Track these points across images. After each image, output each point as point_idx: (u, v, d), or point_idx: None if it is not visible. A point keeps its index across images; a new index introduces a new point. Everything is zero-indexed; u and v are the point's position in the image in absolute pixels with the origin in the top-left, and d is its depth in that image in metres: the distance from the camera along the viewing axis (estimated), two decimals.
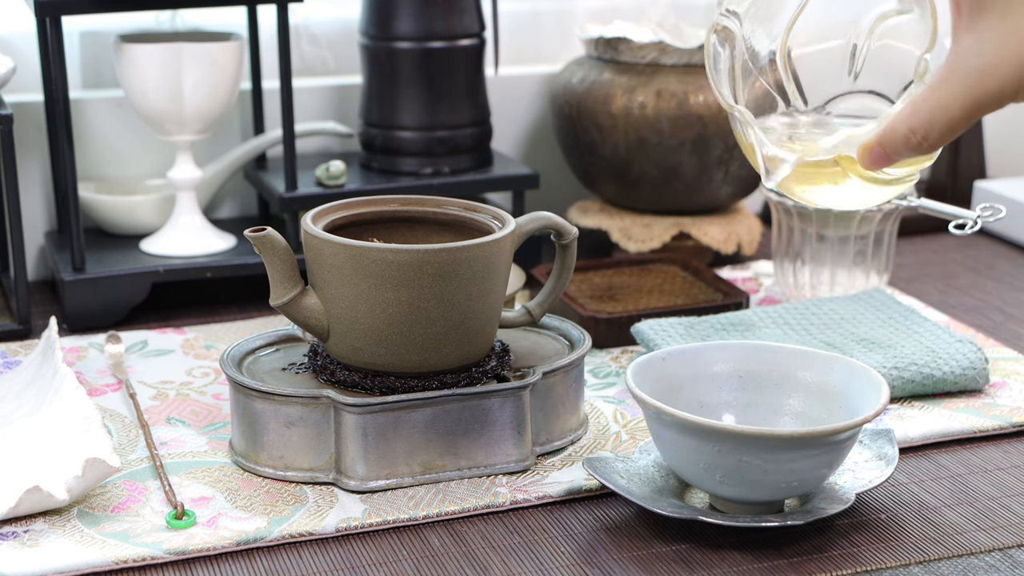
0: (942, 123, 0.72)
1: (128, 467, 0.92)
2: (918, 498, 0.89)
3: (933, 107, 0.72)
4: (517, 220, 0.94)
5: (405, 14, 1.24)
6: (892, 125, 0.74)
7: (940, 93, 0.72)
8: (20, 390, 0.99)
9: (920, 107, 0.73)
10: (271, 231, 0.90)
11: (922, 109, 0.73)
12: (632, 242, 1.32)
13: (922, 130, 0.73)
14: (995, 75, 0.71)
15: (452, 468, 0.90)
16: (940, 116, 0.72)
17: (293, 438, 0.89)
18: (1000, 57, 0.70)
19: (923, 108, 0.73)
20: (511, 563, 0.82)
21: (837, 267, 1.20)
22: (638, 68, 1.28)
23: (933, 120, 0.72)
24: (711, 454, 0.82)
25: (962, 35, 0.72)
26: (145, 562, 0.81)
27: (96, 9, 1.14)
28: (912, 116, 0.73)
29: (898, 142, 0.74)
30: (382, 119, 1.27)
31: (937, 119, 0.72)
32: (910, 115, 0.73)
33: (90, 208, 1.28)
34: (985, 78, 0.71)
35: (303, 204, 1.21)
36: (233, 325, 1.17)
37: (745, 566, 0.81)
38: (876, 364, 1.02)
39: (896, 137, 0.74)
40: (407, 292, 0.88)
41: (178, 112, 1.18)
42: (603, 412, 1.01)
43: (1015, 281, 1.31)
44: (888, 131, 0.74)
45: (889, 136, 0.74)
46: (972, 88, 0.71)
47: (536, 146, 1.46)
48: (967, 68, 0.71)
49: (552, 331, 1.01)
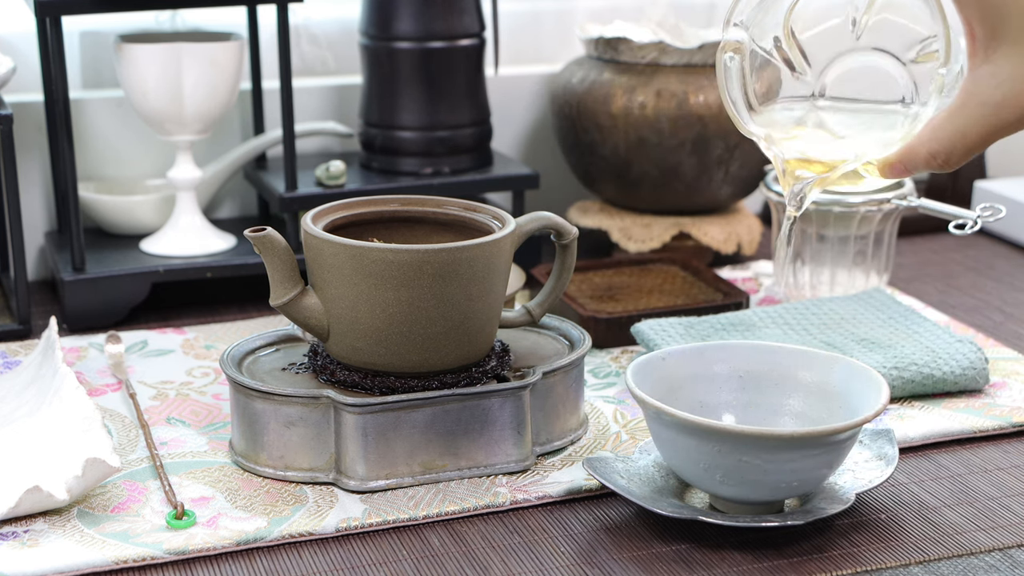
0: (961, 149, 0.77)
1: (128, 467, 0.92)
2: (918, 498, 0.89)
3: (952, 133, 0.76)
4: (517, 220, 0.94)
5: (405, 14, 1.24)
6: (912, 147, 0.79)
7: (959, 120, 0.76)
8: (20, 390, 0.99)
9: (940, 133, 0.77)
10: (271, 231, 0.90)
11: (942, 135, 0.77)
12: (632, 242, 1.32)
13: (943, 155, 0.77)
14: (1013, 106, 0.74)
15: (452, 468, 0.90)
16: (960, 142, 0.76)
17: (293, 438, 0.89)
18: (1018, 88, 0.74)
19: (943, 134, 0.77)
20: (511, 563, 0.82)
21: (837, 267, 1.20)
22: (638, 68, 1.28)
23: (953, 145, 0.77)
24: (711, 454, 0.82)
25: (978, 64, 0.75)
26: (145, 562, 0.81)
27: (96, 9, 1.14)
28: (932, 141, 0.77)
29: (919, 162, 0.79)
30: (382, 119, 1.27)
31: (957, 145, 0.76)
32: (930, 139, 0.78)
33: (90, 208, 1.28)
34: (1003, 109, 0.74)
35: (303, 204, 1.21)
36: (233, 325, 1.17)
37: (745, 566, 0.81)
38: (876, 364, 1.02)
39: (917, 158, 0.79)
40: (407, 292, 0.88)
41: (178, 112, 1.18)
42: (603, 412, 1.01)
43: (1015, 281, 1.31)
44: (909, 152, 0.79)
45: (910, 157, 0.79)
46: (990, 117, 0.75)
47: (536, 146, 1.46)
48: (985, 98, 0.74)
49: (552, 331, 1.01)
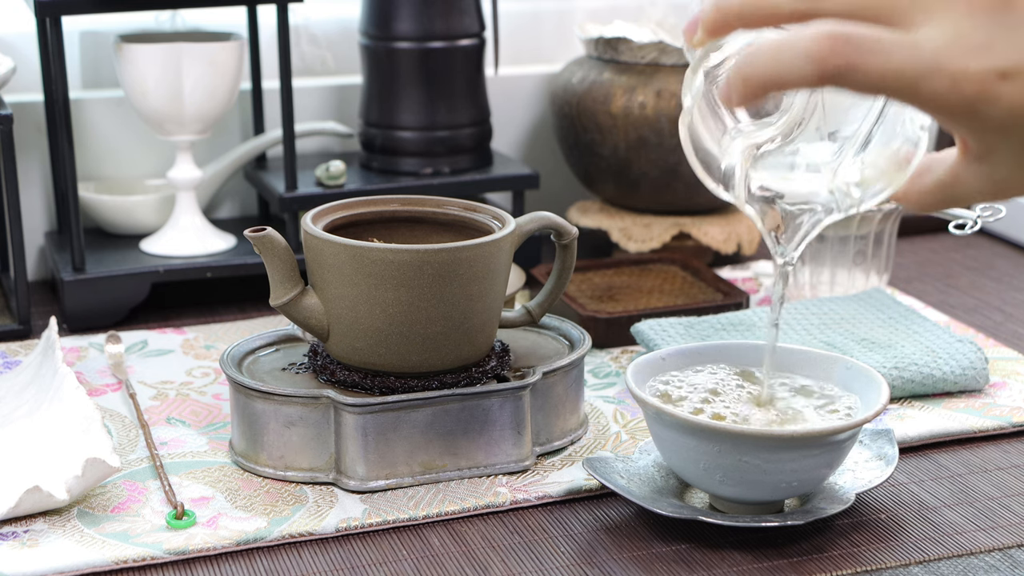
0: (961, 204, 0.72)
1: (128, 467, 0.92)
2: (918, 498, 0.89)
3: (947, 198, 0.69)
4: (517, 220, 0.94)
5: (405, 14, 1.24)
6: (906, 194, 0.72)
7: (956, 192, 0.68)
8: (20, 390, 0.99)
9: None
10: (271, 231, 0.90)
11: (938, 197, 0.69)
12: (632, 242, 1.32)
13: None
14: (1004, 195, 0.67)
15: (452, 468, 0.90)
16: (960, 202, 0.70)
17: (293, 438, 0.89)
18: (1013, 185, 0.65)
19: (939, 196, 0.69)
20: (511, 563, 0.82)
21: (837, 267, 1.20)
22: (638, 68, 1.28)
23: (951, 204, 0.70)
24: (711, 454, 0.82)
25: (970, 162, 0.65)
26: (145, 562, 0.81)
27: (96, 9, 1.14)
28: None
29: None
30: (382, 119, 1.27)
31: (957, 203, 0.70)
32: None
33: (90, 208, 1.28)
34: (993, 197, 0.67)
35: (303, 204, 1.21)
36: (233, 325, 1.17)
37: (745, 566, 0.81)
38: (876, 364, 1.02)
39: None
40: (407, 292, 0.88)
41: (178, 112, 1.18)
42: (603, 412, 1.01)
43: (1015, 281, 1.31)
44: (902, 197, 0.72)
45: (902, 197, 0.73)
46: (972, 199, 0.67)
47: (536, 146, 1.46)
48: (973, 188, 0.66)
49: (552, 331, 1.01)
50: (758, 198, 0.77)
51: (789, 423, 0.84)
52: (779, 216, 0.79)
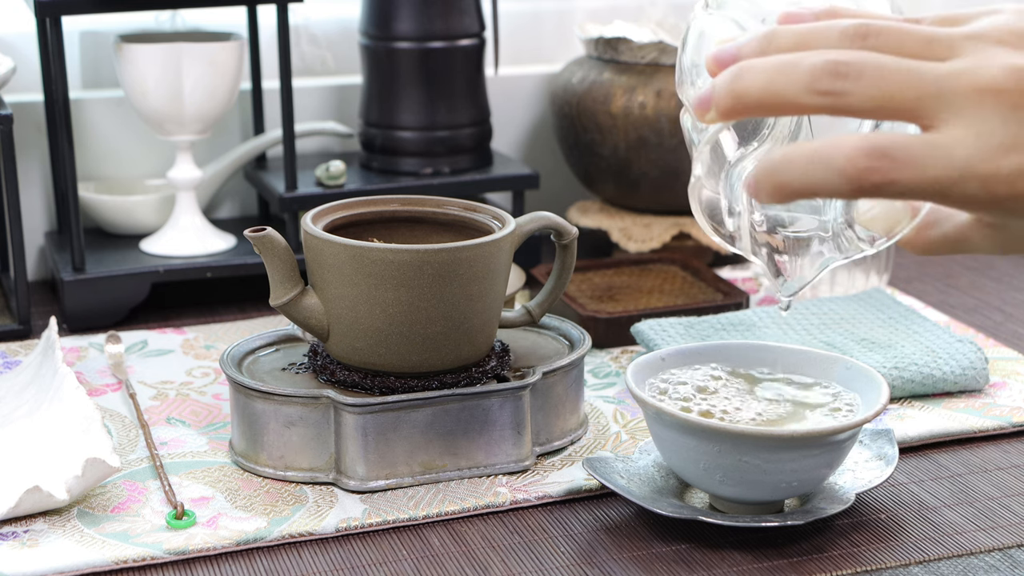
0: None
1: (128, 467, 0.92)
2: (918, 498, 0.89)
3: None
4: (517, 220, 0.94)
5: (405, 14, 1.24)
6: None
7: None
8: (20, 390, 0.99)
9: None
10: (271, 231, 0.90)
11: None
12: (632, 242, 1.32)
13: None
14: (1013, 251, 0.68)
15: (452, 468, 0.90)
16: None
17: (293, 438, 0.89)
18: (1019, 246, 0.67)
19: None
20: (511, 563, 0.82)
21: (837, 267, 1.20)
22: (638, 68, 1.28)
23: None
24: (711, 454, 0.82)
25: (983, 230, 0.67)
26: (145, 562, 0.81)
27: (96, 9, 1.14)
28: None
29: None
30: (382, 119, 1.27)
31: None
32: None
33: (90, 208, 1.28)
34: (1004, 253, 0.68)
35: (303, 204, 1.21)
36: (233, 325, 1.17)
37: (745, 566, 0.81)
38: (876, 364, 1.02)
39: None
40: (407, 292, 0.87)
41: (178, 112, 1.18)
42: (603, 412, 1.01)
43: (1015, 281, 1.31)
44: None
45: None
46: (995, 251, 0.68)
47: (536, 146, 1.46)
48: (975, 247, 0.67)
49: (552, 331, 1.01)
50: (763, 243, 0.77)
51: (787, 418, 0.84)
52: (783, 247, 0.78)
